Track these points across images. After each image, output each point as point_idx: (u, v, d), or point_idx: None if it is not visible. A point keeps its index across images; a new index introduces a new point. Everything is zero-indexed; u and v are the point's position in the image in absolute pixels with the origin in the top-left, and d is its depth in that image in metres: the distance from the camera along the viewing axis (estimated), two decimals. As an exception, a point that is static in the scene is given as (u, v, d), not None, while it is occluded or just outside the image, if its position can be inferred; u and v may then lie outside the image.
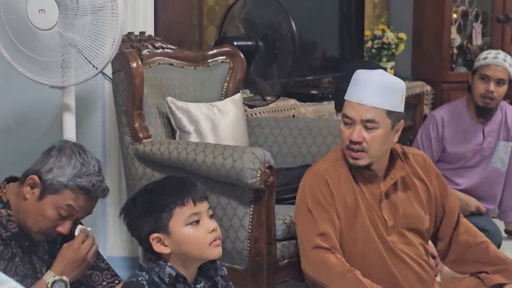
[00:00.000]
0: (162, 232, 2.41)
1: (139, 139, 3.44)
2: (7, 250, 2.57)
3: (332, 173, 2.93)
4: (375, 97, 2.87)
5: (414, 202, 3.02)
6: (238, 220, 3.15)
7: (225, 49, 4.03)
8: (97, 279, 2.84)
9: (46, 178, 2.57)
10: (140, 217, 2.44)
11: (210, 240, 2.43)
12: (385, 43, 5.67)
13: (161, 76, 3.74)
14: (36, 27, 3.11)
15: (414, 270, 2.94)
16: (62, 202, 2.57)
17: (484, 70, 4.69)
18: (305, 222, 2.90)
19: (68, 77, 3.17)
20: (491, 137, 4.83)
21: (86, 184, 2.58)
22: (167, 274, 2.41)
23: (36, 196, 2.57)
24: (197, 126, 3.57)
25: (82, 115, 3.79)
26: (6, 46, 3.19)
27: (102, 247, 3.82)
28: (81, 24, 3.09)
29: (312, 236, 2.85)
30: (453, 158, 4.85)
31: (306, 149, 3.78)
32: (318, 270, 2.84)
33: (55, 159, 2.59)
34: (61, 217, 2.59)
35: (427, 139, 4.88)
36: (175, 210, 2.40)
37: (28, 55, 3.17)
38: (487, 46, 6.07)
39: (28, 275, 2.64)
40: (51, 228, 2.60)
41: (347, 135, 2.87)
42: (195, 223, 2.42)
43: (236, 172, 3.05)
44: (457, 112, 4.86)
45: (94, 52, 3.12)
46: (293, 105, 4.72)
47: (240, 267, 3.17)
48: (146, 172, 3.43)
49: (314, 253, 2.84)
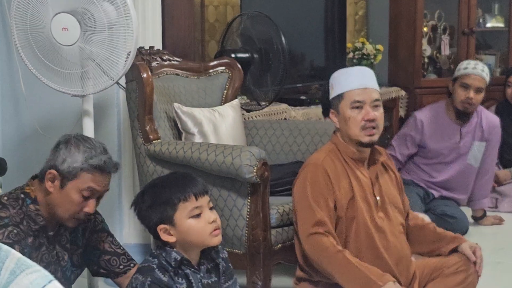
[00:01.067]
0: (168, 223, 2.42)
1: (150, 140, 3.45)
2: (36, 240, 2.58)
3: (329, 163, 2.93)
4: (373, 81, 2.99)
5: (390, 183, 3.07)
6: (238, 210, 3.16)
7: (224, 61, 4.04)
8: (115, 263, 2.84)
9: (63, 169, 2.57)
10: (148, 210, 2.44)
11: (210, 230, 2.44)
12: (364, 54, 5.68)
13: (169, 85, 3.74)
14: (59, 43, 3.12)
15: (396, 245, 2.95)
16: (83, 185, 2.57)
17: (465, 79, 4.71)
18: (305, 209, 2.89)
19: (87, 86, 3.18)
20: (467, 137, 4.84)
21: (99, 163, 2.58)
22: (173, 258, 2.42)
23: (58, 187, 2.57)
24: (201, 128, 3.58)
25: (100, 120, 3.80)
26: (32, 61, 3.20)
27: (119, 235, 3.84)
28: (99, 39, 3.10)
29: (310, 223, 2.85)
30: (432, 154, 4.88)
31: (296, 147, 3.79)
32: (314, 252, 2.84)
33: (65, 151, 2.59)
34: (85, 198, 2.59)
35: (403, 137, 4.92)
36: (179, 205, 2.41)
37: (51, 68, 3.17)
38: (454, 56, 6.10)
39: (52, 262, 2.65)
40: (79, 211, 2.60)
41: (360, 118, 2.92)
42: (197, 215, 2.43)
43: (235, 168, 3.06)
44: (436, 113, 4.89)
45: (110, 64, 3.13)
46: (284, 109, 4.73)
47: (240, 252, 3.18)
48: (157, 169, 3.44)
49: (311, 238, 2.84)
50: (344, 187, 2.92)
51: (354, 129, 2.94)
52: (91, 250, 2.82)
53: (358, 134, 2.94)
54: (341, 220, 2.90)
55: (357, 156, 2.99)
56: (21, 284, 0.92)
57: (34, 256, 2.55)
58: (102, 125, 3.87)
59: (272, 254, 3.20)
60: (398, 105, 5.85)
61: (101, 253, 2.82)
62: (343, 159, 2.97)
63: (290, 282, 3.83)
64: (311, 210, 2.86)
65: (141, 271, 2.42)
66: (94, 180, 2.58)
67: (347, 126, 2.96)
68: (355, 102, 2.93)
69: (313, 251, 2.85)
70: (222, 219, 3.14)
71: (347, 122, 2.95)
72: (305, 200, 2.89)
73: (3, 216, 2.50)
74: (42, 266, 2.48)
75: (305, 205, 2.89)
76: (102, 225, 2.85)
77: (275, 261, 3.24)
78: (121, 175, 3.95)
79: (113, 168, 2.65)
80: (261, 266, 3.14)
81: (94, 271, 2.88)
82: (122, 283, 2.82)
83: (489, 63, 6.27)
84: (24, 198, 2.60)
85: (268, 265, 3.17)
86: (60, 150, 2.60)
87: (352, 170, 2.96)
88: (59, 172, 2.57)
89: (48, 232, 2.64)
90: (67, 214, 2.59)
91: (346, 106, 2.95)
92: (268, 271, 3.16)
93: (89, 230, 2.81)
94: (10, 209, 2.54)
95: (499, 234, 4.73)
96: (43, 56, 3.16)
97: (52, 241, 2.66)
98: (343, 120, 2.97)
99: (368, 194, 2.95)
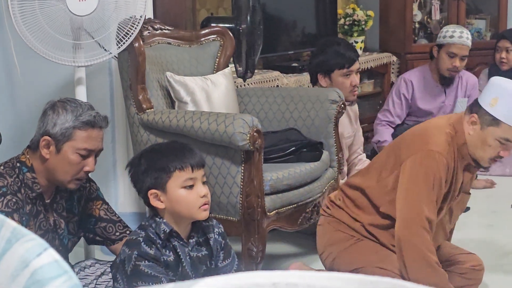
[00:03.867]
0: (160, 190, 2.42)
1: (143, 109, 3.44)
2: (33, 208, 2.59)
3: (449, 159, 2.79)
4: None
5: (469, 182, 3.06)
6: (232, 178, 3.16)
7: (216, 29, 4.01)
8: (111, 230, 2.86)
9: (55, 132, 2.57)
10: (143, 173, 2.45)
11: (199, 204, 2.45)
12: (355, 20, 5.66)
13: (161, 54, 3.73)
14: (76, 15, 3.11)
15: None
16: (78, 145, 2.57)
17: (451, 48, 4.96)
18: (421, 195, 2.75)
19: (86, 57, 3.17)
20: (451, 96, 5.15)
21: (89, 118, 2.59)
22: (162, 230, 2.42)
23: (53, 152, 2.58)
24: (193, 96, 3.57)
25: (92, 90, 3.78)
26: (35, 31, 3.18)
27: (114, 204, 3.84)
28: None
29: (422, 214, 2.74)
30: (422, 113, 5.13)
31: (289, 114, 3.79)
32: (411, 240, 2.75)
33: (53, 115, 2.59)
34: (83, 157, 2.59)
35: (398, 98, 5.11)
36: (174, 172, 2.41)
37: (58, 38, 3.15)
38: (445, 21, 6.07)
39: (49, 230, 2.66)
40: (79, 171, 2.60)
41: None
42: (189, 187, 2.44)
43: (228, 136, 3.06)
44: (423, 76, 5.17)
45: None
46: (276, 76, 4.72)
47: (234, 219, 3.19)
48: (150, 138, 3.44)
49: (419, 230, 2.74)
50: (447, 185, 2.83)
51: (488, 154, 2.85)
52: (86, 218, 2.83)
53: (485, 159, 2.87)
54: None
55: (466, 162, 2.88)
56: (17, 253, 0.92)
57: (31, 224, 2.56)
58: (95, 95, 3.86)
59: (266, 221, 3.20)
60: (390, 70, 5.85)
61: (97, 221, 2.83)
62: (459, 157, 2.85)
63: (285, 248, 3.86)
64: (428, 200, 2.75)
65: (128, 244, 2.43)
66: (89, 137, 2.58)
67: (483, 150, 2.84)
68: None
69: (410, 239, 2.76)
70: (216, 187, 3.15)
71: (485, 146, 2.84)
72: (421, 189, 2.75)
73: (1, 185, 2.51)
74: (40, 233, 2.52)
75: (423, 190, 2.75)
76: (97, 193, 2.86)
77: (269, 228, 3.25)
78: (115, 145, 3.95)
79: (103, 122, 2.65)
80: (256, 233, 3.15)
81: (90, 239, 2.89)
82: (118, 250, 2.81)
83: (480, 27, 6.27)
84: (20, 166, 2.60)
85: (263, 231, 3.18)
86: (48, 115, 2.59)
87: (458, 171, 2.87)
88: (52, 137, 2.56)
89: (45, 200, 2.64)
90: (68, 177, 2.59)
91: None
92: (263, 237, 3.18)
93: (85, 198, 2.82)
94: (7, 177, 2.54)
95: (491, 197, 4.75)
96: (50, 27, 3.12)
97: (49, 208, 2.66)
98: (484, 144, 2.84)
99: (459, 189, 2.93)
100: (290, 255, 3.78)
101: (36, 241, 0.91)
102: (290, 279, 0.79)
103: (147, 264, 2.36)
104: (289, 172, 3.32)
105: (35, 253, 0.89)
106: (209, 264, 2.54)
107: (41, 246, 0.90)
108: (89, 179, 2.83)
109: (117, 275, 2.44)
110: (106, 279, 2.76)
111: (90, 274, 2.76)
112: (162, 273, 2.38)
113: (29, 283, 0.87)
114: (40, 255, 0.88)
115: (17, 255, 0.91)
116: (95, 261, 2.84)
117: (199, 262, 2.51)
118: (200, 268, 2.51)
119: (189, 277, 2.46)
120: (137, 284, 2.33)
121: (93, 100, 3.67)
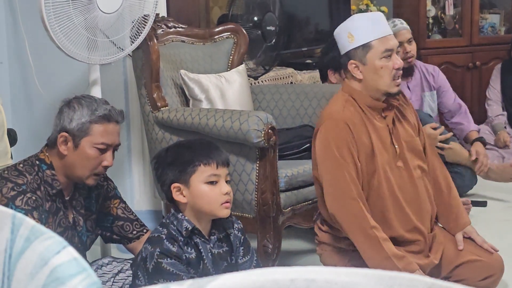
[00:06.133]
0: (183, 184, 2.43)
1: (157, 107, 3.45)
2: (53, 205, 2.60)
3: (349, 116, 2.78)
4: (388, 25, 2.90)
5: (408, 126, 2.96)
6: (247, 175, 3.16)
7: (229, 26, 4.02)
8: (128, 228, 2.86)
9: (72, 127, 2.58)
10: (168, 166, 2.45)
11: (222, 201, 2.45)
12: (369, 16, 5.64)
13: (175, 52, 3.73)
14: (103, 12, 3.11)
15: (416, 194, 2.88)
16: (95, 139, 2.58)
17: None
18: (334, 168, 2.75)
19: (97, 55, 3.18)
20: (416, 91, 4.90)
21: (105, 112, 2.60)
22: (184, 227, 2.42)
23: (72, 148, 2.58)
24: (208, 94, 3.57)
25: (107, 88, 3.79)
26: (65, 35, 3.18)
27: (130, 202, 3.85)
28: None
29: (344, 184, 2.72)
30: None
31: (303, 111, 3.78)
32: (348, 219, 2.74)
33: (69, 112, 2.60)
34: (101, 151, 2.60)
35: None
36: (199, 167, 2.42)
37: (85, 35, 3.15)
38: (459, 16, 6.05)
39: (69, 227, 2.67)
40: (97, 166, 2.61)
41: (392, 66, 2.79)
42: (213, 183, 2.44)
43: (243, 133, 3.06)
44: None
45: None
46: (290, 73, 4.72)
47: (250, 216, 3.19)
48: (165, 136, 3.44)
49: (350, 204, 2.72)
50: (364, 141, 2.79)
51: (386, 79, 2.80)
52: (104, 217, 2.84)
53: (389, 84, 2.80)
54: (362, 174, 2.78)
55: (374, 104, 2.84)
56: (36, 251, 0.92)
57: (51, 221, 2.57)
58: (109, 94, 3.87)
59: (282, 218, 3.21)
60: (404, 66, 5.82)
61: (114, 219, 2.84)
62: (360, 109, 2.83)
63: (300, 244, 3.86)
64: (342, 168, 2.72)
65: (150, 241, 2.43)
66: (105, 131, 2.59)
67: (378, 76, 2.79)
68: (386, 51, 2.78)
69: (346, 219, 2.75)
70: (231, 184, 3.15)
71: (377, 72, 2.80)
72: (332, 159, 2.75)
73: (21, 183, 2.52)
74: (59, 231, 2.52)
75: (333, 165, 2.75)
76: (115, 191, 2.87)
77: (285, 225, 3.25)
78: (130, 143, 3.96)
79: (119, 116, 2.66)
80: (271, 230, 3.15)
81: (107, 237, 2.90)
82: (135, 248, 2.84)
83: (494, 22, 6.24)
84: (40, 164, 2.61)
85: (278, 228, 3.18)
86: (65, 112, 2.61)
87: (369, 120, 2.83)
88: (70, 133, 2.58)
89: (65, 197, 2.66)
90: (87, 172, 2.60)
91: (375, 56, 2.79)
92: (278, 234, 3.17)
93: (102, 197, 2.83)
94: (27, 175, 2.55)
95: (508, 192, 4.72)
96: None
97: (68, 206, 2.68)
98: (372, 70, 2.80)
99: (387, 144, 2.85)
100: (305, 252, 3.77)
101: (55, 239, 0.91)
102: (308, 275, 0.79)
103: (169, 262, 2.37)
104: (304, 168, 3.32)
105: (54, 251, 0.89)
106: (229, 260, 2.54)
107: (60, 244, 0.90)
108: (106, 178, 2.84)
109: (138, 272, 2.44)
110: (123, 277, 2.76)
111: (107, 272, 2.77)
112: (183, 271, 2.38)
113: (48, 281, 0.87)
114: (59, 253, 0.89)
115: (36, 253, 0.91)
116: (112, 259, 2.85)
117: (220, 259, 2.51)
118: (221, 264, 2.51)
119: (210, 274, 2.45)
120: (158, 281, 2.33)
121: (107, 99, 3.68)
